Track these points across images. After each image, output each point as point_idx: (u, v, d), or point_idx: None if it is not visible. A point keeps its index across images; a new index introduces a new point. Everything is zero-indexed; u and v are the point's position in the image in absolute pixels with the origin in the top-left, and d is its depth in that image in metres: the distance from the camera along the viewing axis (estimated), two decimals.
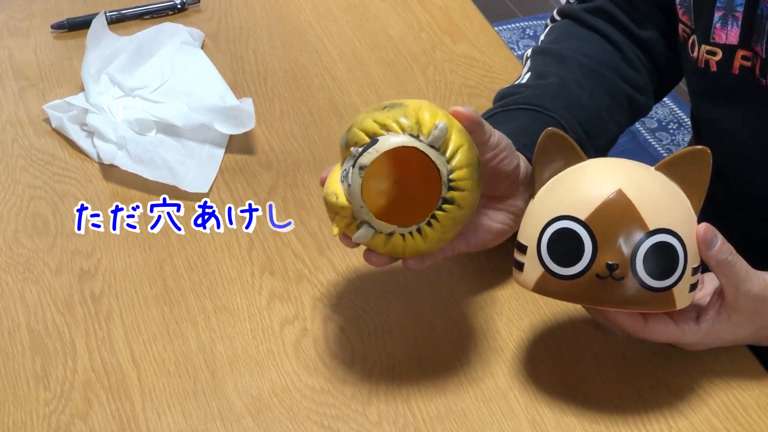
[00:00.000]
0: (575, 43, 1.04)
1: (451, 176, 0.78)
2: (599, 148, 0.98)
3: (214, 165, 1.06)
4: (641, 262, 0.75)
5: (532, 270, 0.78)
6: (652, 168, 0.79)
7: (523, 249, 0.79)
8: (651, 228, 0.75)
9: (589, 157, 0.81)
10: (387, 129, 0.77)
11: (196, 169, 1.05)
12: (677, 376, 0.85)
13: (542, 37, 1.08)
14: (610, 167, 0.79)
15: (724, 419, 0.82)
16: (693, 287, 0.78)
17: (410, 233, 0.79)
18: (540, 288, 0.78)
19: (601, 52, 1.03)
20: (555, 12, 1.09)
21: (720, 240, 0.77)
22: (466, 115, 0.79)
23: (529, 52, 1.05)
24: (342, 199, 0.78)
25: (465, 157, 0.78)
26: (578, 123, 0.96)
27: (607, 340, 0.87)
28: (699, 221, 0.78)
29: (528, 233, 0.79)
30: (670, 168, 0.79)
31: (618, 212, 0.76)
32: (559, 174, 0.80)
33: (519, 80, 1.01)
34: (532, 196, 0.81)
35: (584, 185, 0.78)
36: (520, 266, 0.79)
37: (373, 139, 0.77)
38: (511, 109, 0.96)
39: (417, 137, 0.77)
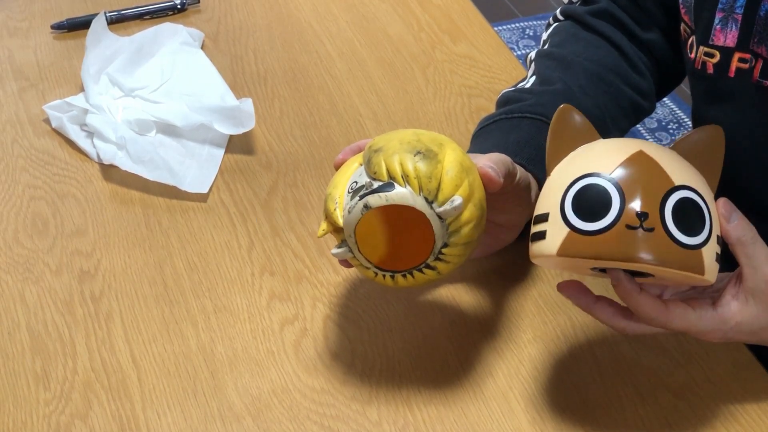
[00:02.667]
0: (580, 47, 1.03)
1: (443, 249, 0.78)
2: None
3: (214, 165, 1.06)
4: (670, 214, 0.73)
5: (556, 234, 0.74)
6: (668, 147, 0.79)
7: (543, 218, 0.76)
8: (676, 183, 0.74)
9: None
10: (407, 181, 0.76)
11: (196, 169, 1.05)
12: (677, 376, 0.85)
13: (545, 37, 1.08)
14: (627, 139, 0.78)
15: (724, 419, 0.82)
16: (719, 258, 0.76)
17: (383, 276, 0.79)
18: (566, 250, 0.74)
19: (606, 57, 1.03)
20: (558, 12, 1.09)
21: (739, 216, 0.76)
22: (494, 181, 0.80)
23: (533, 54, 1.05)
24: (338, 214, 0.78)
25: (466, 235, 0.78)
26: None
27: (607, 340, 0.88)
28: None
29: (548, 201, 0.76)
30: (684, 147, 0.78)
31: (642, 167, 0.74)
32: (576, 150, 0.79)
33: (523, 83, 1.01)
34: (547, 173, 0.79)
35: (604, 151, 0.77)
36: (540, 236, 0.76)
37: (389, 183, 0.77)
38: (515, 116, 0.96)
39: (430, 203, 0.76)
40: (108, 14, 1.26)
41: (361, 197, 0.77)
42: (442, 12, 1.29)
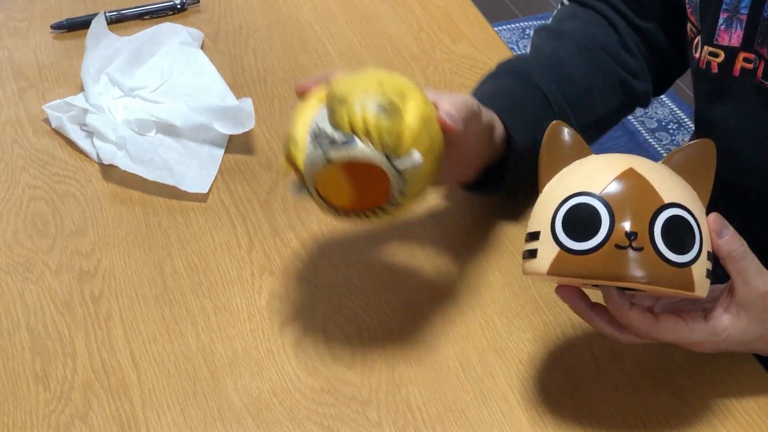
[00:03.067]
0: (576, 24, 1.07)
1: (398, 198, 0.80)
2: (584, 124, 0.99)
3: (213, 165, 1.06)
4: (659, 233, 0.73)
5: (547, 252, 0.75)
6: (659, 162, 0.79)
7: (535, 236, 0.77)
8: (666, 201, 0.74)
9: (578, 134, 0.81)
10: (369, 137, 0.78)
11: (196, 169, 1.05)
12: (677, 376, 0.85)
13: (550, 21, 1.11)
14: (618, 155, 0.78)
15: (724, 419, 0.82)
16: (709, 274, 0.76)
17: (341, 216, 0.82)
18: (556, 269, 0.75)
19: (600, 34, 1.06)
20: None
21: (731, 231, 0.76)
22: (452, 129, 0.82)
23: (532, 32, 1.09)
24: (299, 158, 0.80)
25: (422, 182, 0.81)
26: (562, 94, 0.99)
27: (607, 340, 0.87)
28: None
29: (540, 219, 0.77)
30: (675, 161, 0.78)
31: (632, 186, 0.74)
32: (568, 166, 0.79)
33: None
34: (539, 189, 0.80)
35: (594, 167, 0.77)
36: (532, 254, 0.77)
37: (351, 139, 0.78)
38: (499, 72, 1.00)
39: (389, 159, 0.78)
40: (108, 14, 1.26)
41: (324, 149, 0.78)
42: (442, 12, 1.29)
